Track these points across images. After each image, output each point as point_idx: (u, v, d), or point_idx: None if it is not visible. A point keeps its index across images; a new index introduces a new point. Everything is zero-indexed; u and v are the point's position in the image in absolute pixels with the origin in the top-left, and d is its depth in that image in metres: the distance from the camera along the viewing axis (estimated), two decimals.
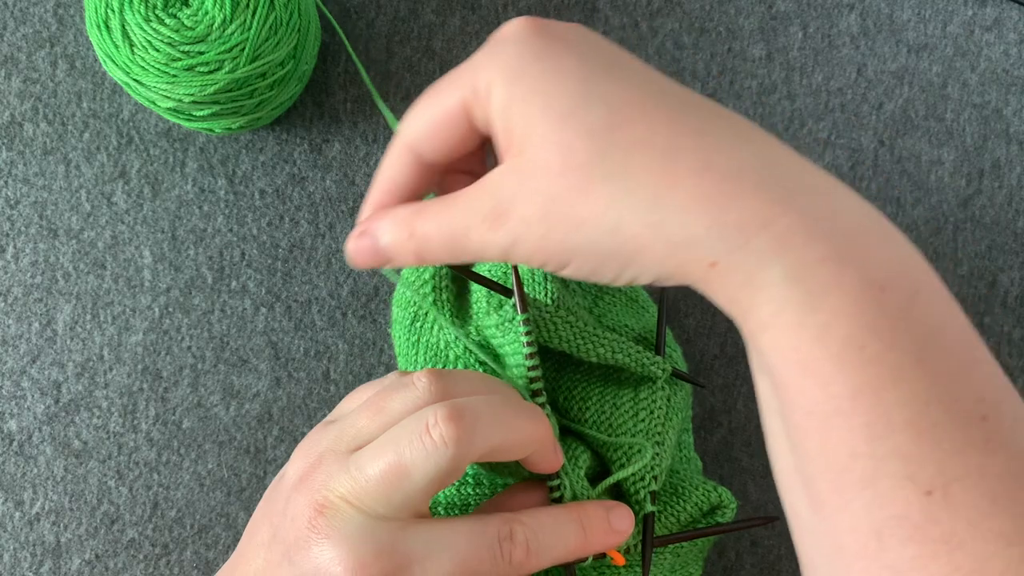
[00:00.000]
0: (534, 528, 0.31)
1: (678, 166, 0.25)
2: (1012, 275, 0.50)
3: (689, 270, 0.25)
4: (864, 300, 0.24)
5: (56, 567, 0.48)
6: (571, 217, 0.26)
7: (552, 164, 0.26)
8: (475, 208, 0.28)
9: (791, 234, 0.24)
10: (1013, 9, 0.51)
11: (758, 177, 0.25)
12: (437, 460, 0.29)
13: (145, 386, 0.48)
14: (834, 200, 0.26)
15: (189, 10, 0.41)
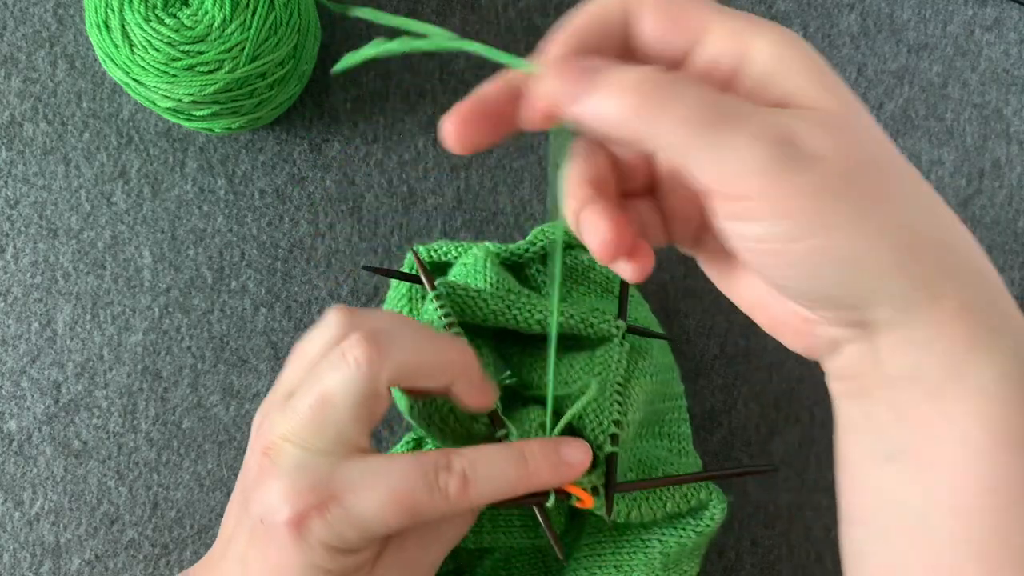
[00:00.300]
0: (472, 459, 0.31)
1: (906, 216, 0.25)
2: (1012, 275, 0.50)
3: (921, 315, 0.25)
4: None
5: (56, 567, 0.48)
6: (870, 193, 0.24)
7: (867, 143, 0.25)
8: (761, 116, 0.24)
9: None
10: (1013, 9, 0.51)
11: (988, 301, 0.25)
12: (354, 381, 0.30)
13: (145, 386, 0.48)
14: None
15: (189, 10, 0.41)
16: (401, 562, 0.32)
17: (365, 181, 0.49)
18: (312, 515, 0.29)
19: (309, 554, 0.30)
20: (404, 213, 0.49)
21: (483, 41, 0.27)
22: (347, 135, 0.49)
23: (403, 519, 0.30)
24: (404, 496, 0.30)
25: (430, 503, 0.30)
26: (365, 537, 0.30)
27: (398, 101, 0.50)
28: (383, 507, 0.30)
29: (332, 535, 0.29)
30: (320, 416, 0.30)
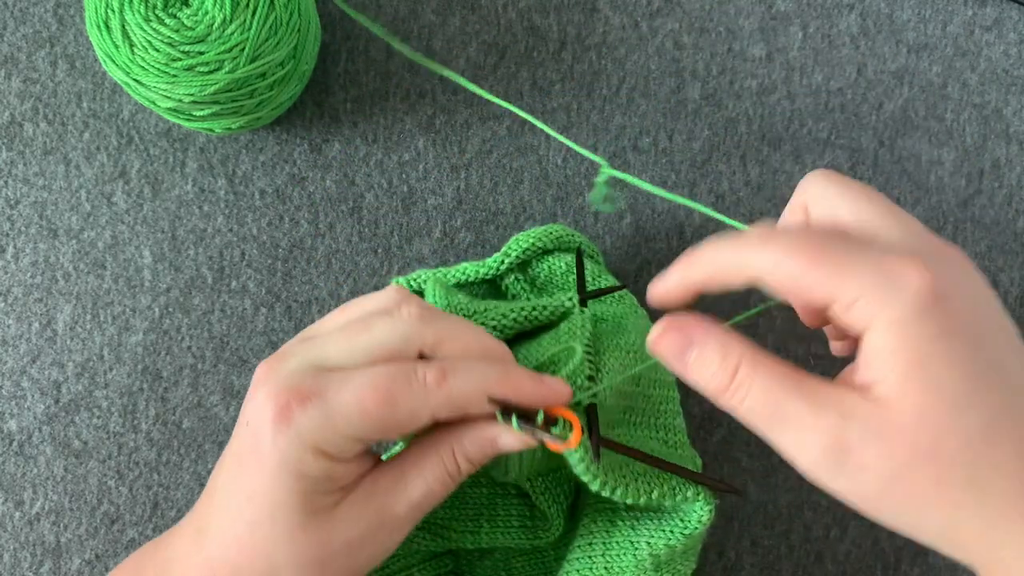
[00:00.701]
0: (452, 360, 0.32)
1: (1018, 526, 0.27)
2: (1012, 275, 0.50)
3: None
4: None
5: (56, 567, 0.48)
6: (913, 500, 0.27)
7: (920, 443, 0.27)
8: (819, 417, 0.27)
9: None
10: (1013, 9, 0.51)
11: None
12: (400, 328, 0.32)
13: (145, 386, 0.48)
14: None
15: (189, 10, 0.41)
16: (369, 506, 0.32)
17: (365, 181, 0.49)
18: (294, 407, 0.30)
19: (288, 449, 0.30)
20: (404, 213, 0.49)
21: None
22: (347, 135, 0.49)
23: (382, 410, 0.30)
24: (383, 384, 0.31)
25: (409, 391, 0.31)
26: (344, 434, 0.30)
27: (398, 101, 0.50)
28: (363, 396, 0.30)
29: (312, 428, 0.30)
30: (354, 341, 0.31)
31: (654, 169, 0.50)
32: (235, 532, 0.32)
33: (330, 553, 0.31)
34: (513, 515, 0.42)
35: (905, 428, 0.27)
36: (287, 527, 0.31)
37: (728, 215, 0.49)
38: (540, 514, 0.42)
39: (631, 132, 0.50)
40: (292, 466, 0.30)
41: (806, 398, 0.28)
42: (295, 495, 0.31)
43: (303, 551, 0.31)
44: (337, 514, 0.32)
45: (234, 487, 0.32)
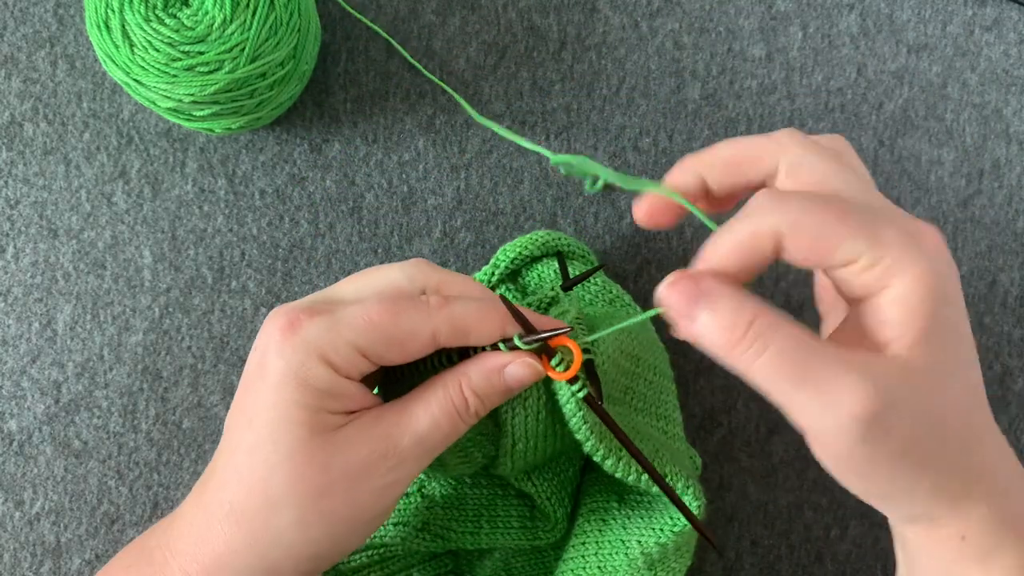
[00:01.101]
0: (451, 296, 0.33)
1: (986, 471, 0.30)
2: (1012, 275, 0.50)
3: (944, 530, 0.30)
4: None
5: (56, 567, 0.48)
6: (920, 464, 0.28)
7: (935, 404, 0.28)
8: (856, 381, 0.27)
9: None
10: (1013, 9, 0.51)
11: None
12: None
13: (145, 386, 0.48)
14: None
15: (189, 10, 0.41)
16: (372, 432, 0.31)
17: (365, 181, 0.49)
18: (302, 318, 0.31)
19: (293, 356, 0.30)
20: (404, 213, 0.49)
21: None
22: (347, 135, 0.49)
23: (386, 320, 0.31)
24: (389, 300, 0.31)
25: (413, 307, 0.31)
26: (349, 342, 0.30)
27: (398, 101, 0.50)
28: (369, 308, 0.31)
29: (319, 334, 0.30)
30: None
31: (654, 169, 0.50)
32: (234, 465, 0.31)
33: (329, 480, 0.30)
34: (513, 515, 0.42)
35: (922, 389, 0.27)
36: (287, 446, 0.30)
37: (728, 215, 0.49)
38: (540, 514, 0.42)
39: (631, 132, 0.50)
40: (296, 374, 0.30)
41: (832, 359, 0.27)
42: (297, 407, 0.30)
43: (301, 475, 0.30)
44: (339, 436, 0.31)
45: (237, 416, 0.32)
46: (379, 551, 0.42)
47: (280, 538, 0.31)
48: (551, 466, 0.41)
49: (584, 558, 0.39)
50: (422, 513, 0.41)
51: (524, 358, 0.33)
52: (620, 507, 0.40)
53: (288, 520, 0.30)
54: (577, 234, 0.49)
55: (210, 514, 0.31)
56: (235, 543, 0.31)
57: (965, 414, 0.29)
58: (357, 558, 0.42)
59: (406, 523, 0.41)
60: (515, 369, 0.33)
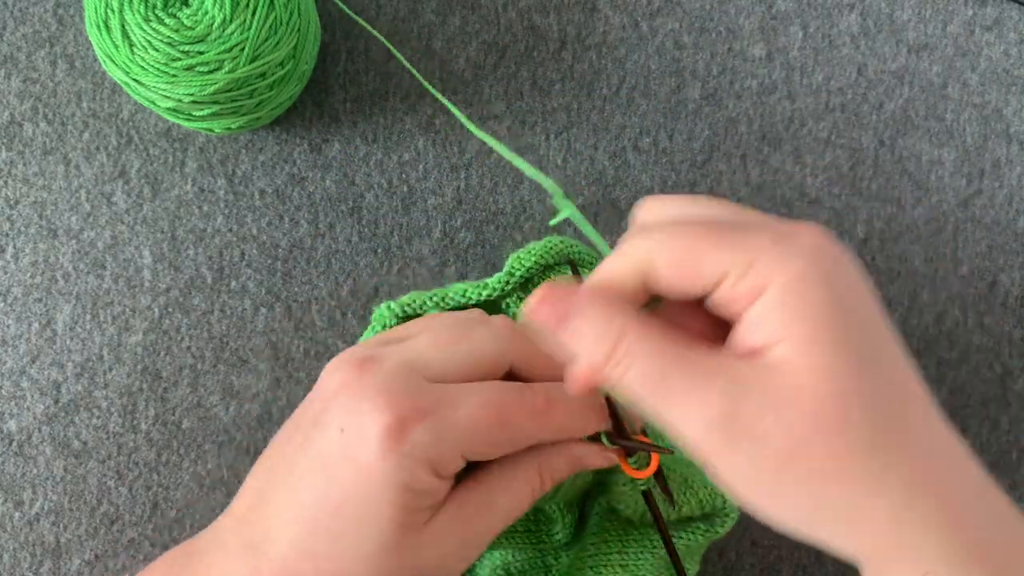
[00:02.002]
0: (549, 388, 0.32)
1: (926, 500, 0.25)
2: (1012, 275, 0.50)
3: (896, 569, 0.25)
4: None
5: (56, 567, 0.48)
6: (814, 475, 0.25)
7: (826, 408, 0.24)
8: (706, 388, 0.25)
9: None
10: (1013, 9, 0.51)
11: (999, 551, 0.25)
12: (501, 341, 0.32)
13: (145, 386, 0.48)
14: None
15: (189, 10, 0.41)
16: (458, 526, 0.31)
17: (365, 181, 0.49)
18: (413, 421, 0.28)
19: (400, 469, 0.28)
20: (404, 213, 0.49)
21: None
22: (347, 135, 0.49)
23: (495, 431, 0.30)
24: (496, 403, 0.30)
25: (521, 414, 0.30)
26: (456, 452, 0.29)
27: (398, 101, 0.50)
28: (478, 416, 0.29)
29: (427, 445, 0.28)
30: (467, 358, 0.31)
31: (654, 169, 0.50)
32: (310, 547, 0.29)
33: (418, 571, 0.30)
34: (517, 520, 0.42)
35: (808, 392, 0.24)
36: (379, 542, 0.29)
37: None
38: (545, 518, 0.42)
39: (631, 132, 0.50)
40: (401, 481, 0.28)
41: (692, 367, 0.25)
42: (398, 510, 0.29)
43: (390, 569, 0.29)
44: (427, 531, 0.30)
45: (313, 498, 0.29)
46: None
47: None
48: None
49: (607, 556, 0.39)
50: None
51: (606, 452, 0.33)
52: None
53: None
54: (576, 234, 0.49)
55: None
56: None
57: (874, 420, 0.25)
58: None
59: None
60: (594, 459, 0.33)
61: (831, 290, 0.25)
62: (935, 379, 0.49)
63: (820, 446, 0.24)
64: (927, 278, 0.50)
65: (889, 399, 0.25)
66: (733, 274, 0.26)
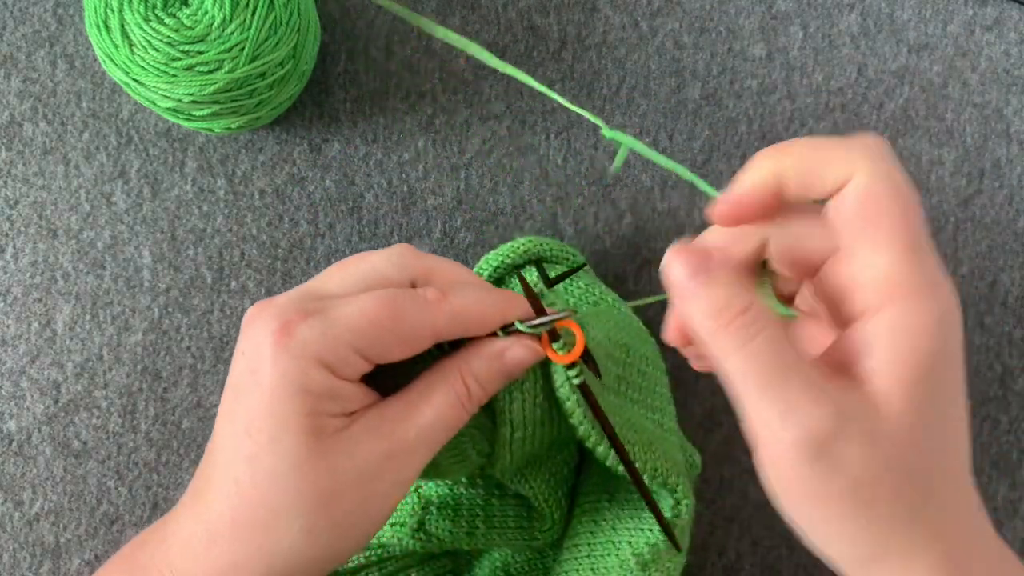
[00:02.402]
0: (442, 276, 0.33)
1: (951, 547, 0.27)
2: (1012, 275, 0.50)
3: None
4: None
5: (56, 567, 0.48)
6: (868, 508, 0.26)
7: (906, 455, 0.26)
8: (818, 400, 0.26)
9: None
10: (1013, 9, 0.51)
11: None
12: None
13: (145, 386, 0.48)
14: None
15: (189, 10, 0.41)
16: (378, 431, 0.30)
17: (365, 181, 0.49)
18: (296, 321, 0.29)
19: (290, 364, 0.29)
20: (404, 213, 0.49)
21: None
22: (347, 135, 0.49)
23: (387, 320, 0.30)
24: (387, 297, 0.30)
25: (413, 305, 0.30)
26: (348, 344, 0.29)
27: (398, 101, 0.50)
28: (367, 307, 0.30)
29: (315, 337, 0.29)
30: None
31: (654, 169, 0.50)
32: (233, 476, 0.30)
33: (338, 485, 0.29)
34: (510, 516, 0.42)
35: (895, 436, 0.26)
36: (291, 455, 0.29)
37: None
38: (537, 515, 0.42)
39: (631, 132, 0.50)
40: (294, 382, 0.29)
41: (807, 377, 0.26)
42: (298, 415, 0.29)
43: (309, 483, 0.29)
44: (343, 438, 0.30)
45: (229, 424, 0.30)
46: (376, 552, 0.42)
47: (286, 549, 0.29)
48: (547, 466, 0.41)
49: (577, 560, 0.39)
50: (417, 514, 0.41)
51: (525, 341, 0.32)
52: (610, 506, 0.40)
53: (295, 529, 0.29)
54: (577, 234, 0.49)
55: (210, 528, 0.30)
56: (238, 556, 0.30)
57: (932, 470, 0.27)
58: (355, 559, 0.42)
59: (402, 523, 0.41)
60: (516, 352, 0.32)
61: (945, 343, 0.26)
62: None
63: (888, 483, 0.26)
64: None
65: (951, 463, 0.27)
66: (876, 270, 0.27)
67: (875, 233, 0.27)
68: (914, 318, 0.26)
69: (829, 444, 0.26)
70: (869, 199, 0.28)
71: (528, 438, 0.36)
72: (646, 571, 0.38)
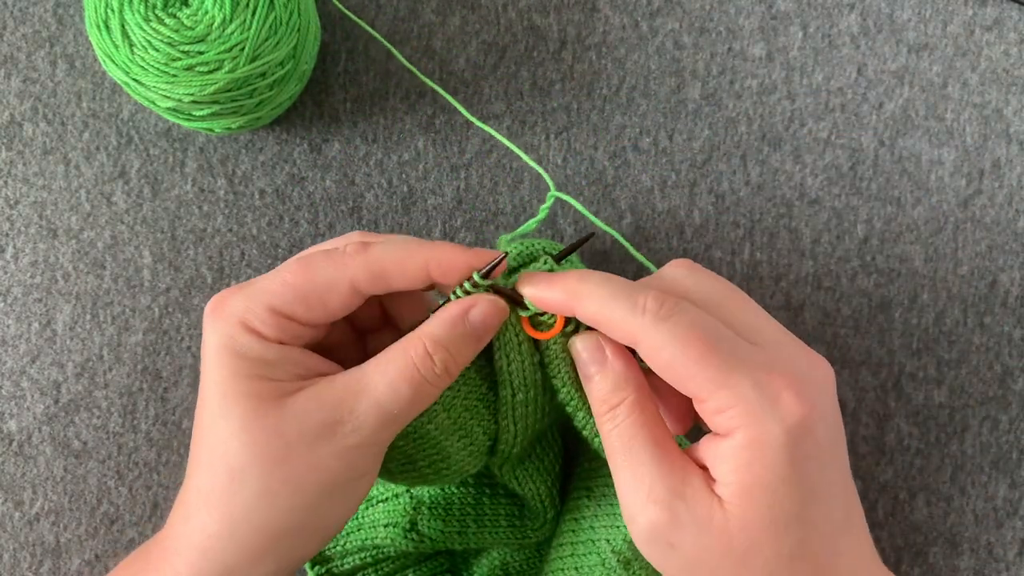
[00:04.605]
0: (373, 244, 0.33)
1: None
2: (1012, 275, 0.50)
3: None
4: None
5: (56, 567, 0.48)
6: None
7: (734, 549, 0.29)
8: (660, 479, 0.30)
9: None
10: (1013, 9, 0.51)
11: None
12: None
13: (145, 386, 0.48)
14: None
15: (189, 10, 0.41)
16: (324, 397, 0.30)
17: (365, 181, 0.49)
18: (226, 295, 0.31)
19: (224, 332, 0.31)
20: (404, 213, 0.49)
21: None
22: (347, 135, 0.49)
23: (299, 277, 0.31)
24: (301, 259, 0.31)
25: (326, 259, 0.31)
26: (265, 304, 0.31)
27: (398, 101, 0.50)
28: (283, 271, 0.31)
29: (238, 306, 0.31)
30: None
31: (654, 169, 0.50)
32: (196, 450, 0.31)
33: (285, 445, 0.30)
34: (501, 515, 0.42)
35: (726, 531, 0.29)
36: (237, 417, 0.30)
37: (728, 215, 0.49)
38: (529, 513, 0.42)
39: (631, 132, 0.50)
40: (227, 348, 0.30)
41: (660, 460, 0.30)
42: (237, 379, 0.30)
43: (256, 442, 0.30)
44: (289, 402, 0.30)
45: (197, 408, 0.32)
46: (372, 552, 0.42)
47: (249, 513, 0.30)
48: (542, 463, 0.41)
49: (562, 559, 0.40)
50: (409, 514, 0.41)
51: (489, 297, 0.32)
52: (589, 504, 0.40)
53: (253, 491, 0.30)
54: (577, 234, 0.49)
55: (187, 505, 0.31)
56: (210, 528, 0.30)
57: (772, 567, 0.29)
58: (351, 560, 0.42)
59: (395, 524, 0.41)
60: (480, 309, 0.32)
61: (785, 460, 0.29)
62: (935, 379, 0.49)
63: (726, 568, 0.30)
64: (927, 278, 0.50)
65: (799, 559, 0.30)
66: (710, 407, 0.30)
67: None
68: (759, 446, 0.29)
69: (664, 524, 0.30)
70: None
71: (530, 402, 0.36)
72: (628, 569, 0.38)
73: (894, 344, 0.49)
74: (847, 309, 0.49)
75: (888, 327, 0.49)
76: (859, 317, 0.49)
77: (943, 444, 0.49)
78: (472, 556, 0.45)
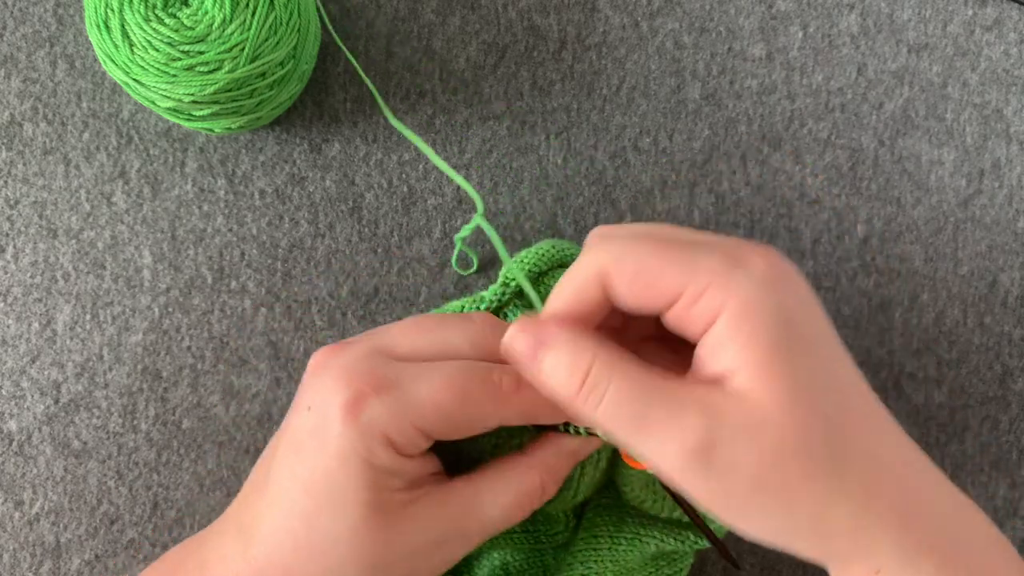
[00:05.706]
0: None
1: (880, 504, 0.27)
2: (1012, 275, 0.50)
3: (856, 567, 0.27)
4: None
5: (56, 567, 0.48)
6: (783, 494, 0.26)
7: (787, 434, 0.26)
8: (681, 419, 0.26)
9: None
10: (1013, 9, 0.51)
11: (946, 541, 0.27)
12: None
13: (145, 386, 0.48)
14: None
15: (189, 10, 0.41)
16: (441, 515, 0.31)
17: (365, 181, 0.49)
18: (369, 395, 0.29)
19: (358, 438, 0.29)
20: (404, 213, 0.49)
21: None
22: (347, 135, 0.49)
23: (455, 407, 0.29)
24: (459, 381, 0.29)
25: (483, 392, 0.30)
26: (415, 427, 0.29)
27: (398, 101, 0.50)
28: (438, 389, 0.29)
29: (385, 417, 0.29)
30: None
31: (654, 169, 0.50)
32: (288, 527, 0.30)
33: (391, 558, 0.30)
34: None
35: (770, 419, 0.26)
36: (349, 521, 0.29)
37: (728, 215, 0.49)
38: (544, 518, 0.42)
39: (631, 132, 0.50)
40: (360, 456, 0.29)
41: (666, 399, 0.27)
42: (362, 487, 0.29)
43: (365, 551, 0.29)
44: (406, 515, 0.30)
45: (288, 477, 0.30)
46: None
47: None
48: None
49: (596, 551, 0.39)
50: None
51: (595, 440, 0.32)
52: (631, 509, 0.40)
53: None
54: (577, 234, 0.49)
55: (260, 572, 0.30)
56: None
57: (831, 440, 0.27)
58: None
59: None
60: (588, 446, 0.32)
61: (781, 315, 0.26)
62: (935, 379, 0.49)
63: (785, 471, 0.26)
64: (927, 278, 0.50)
65: (843, 418, 0.27)
66: (687, 295, 0.27)
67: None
68: (751, 308, 0.26)
69: (710, 451, 0.26)
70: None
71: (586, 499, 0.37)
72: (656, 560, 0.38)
73: (894, 344, 0.49)
74: (847, 309, 0.49)
75: (888, 327, 0.49)
76: (859, 317, 0.49)
77: (943, 444, 0.49)
78: (472, 556, 0.45)
